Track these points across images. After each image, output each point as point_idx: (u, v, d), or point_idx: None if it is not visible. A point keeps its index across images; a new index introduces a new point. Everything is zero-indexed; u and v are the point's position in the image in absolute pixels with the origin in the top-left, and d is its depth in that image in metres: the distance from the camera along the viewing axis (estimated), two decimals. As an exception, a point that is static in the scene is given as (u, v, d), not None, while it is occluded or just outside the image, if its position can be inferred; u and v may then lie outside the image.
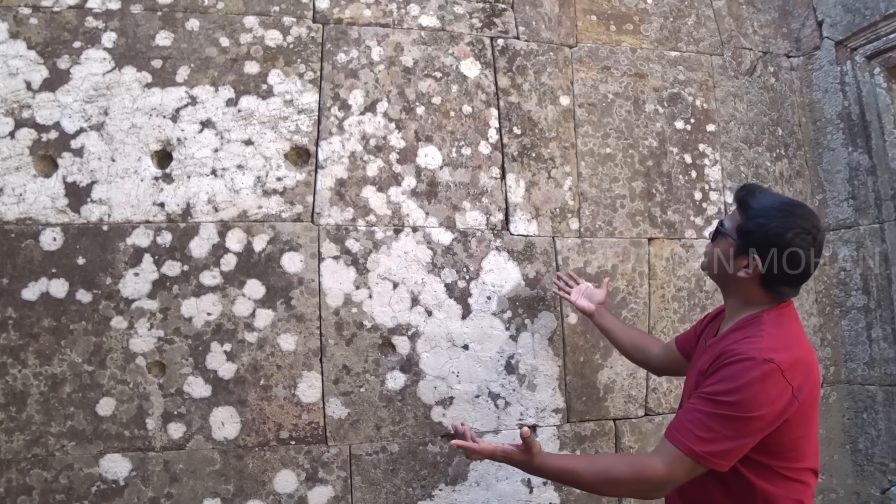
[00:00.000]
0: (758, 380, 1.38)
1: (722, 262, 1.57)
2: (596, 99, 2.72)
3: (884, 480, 2.83)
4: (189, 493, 2.10)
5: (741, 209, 1.56)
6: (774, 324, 1.50)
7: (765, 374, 1.38)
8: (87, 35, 2.21)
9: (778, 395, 1.38)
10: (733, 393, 1.38)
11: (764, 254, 1.49)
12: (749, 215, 1.53)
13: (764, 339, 1.44)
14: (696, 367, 1.63)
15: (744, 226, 1.53)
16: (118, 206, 2.16)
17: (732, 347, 1.46)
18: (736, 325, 1.56)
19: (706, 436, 1.39)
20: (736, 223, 1.56)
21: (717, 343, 1.58)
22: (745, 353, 1.41)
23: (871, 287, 2.91)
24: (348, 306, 2.29)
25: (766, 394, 1.38)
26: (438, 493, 2.32)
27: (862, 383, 2.95)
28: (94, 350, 2.08)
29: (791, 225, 1.48)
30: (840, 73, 3.02)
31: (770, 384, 1.38)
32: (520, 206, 2.53)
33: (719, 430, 1.38)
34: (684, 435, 1.41)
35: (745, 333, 1.50)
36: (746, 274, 1.52)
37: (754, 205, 1.53)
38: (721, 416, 1.39)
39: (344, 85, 2.41)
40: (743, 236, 1.52)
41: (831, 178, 3.08)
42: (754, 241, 1.50)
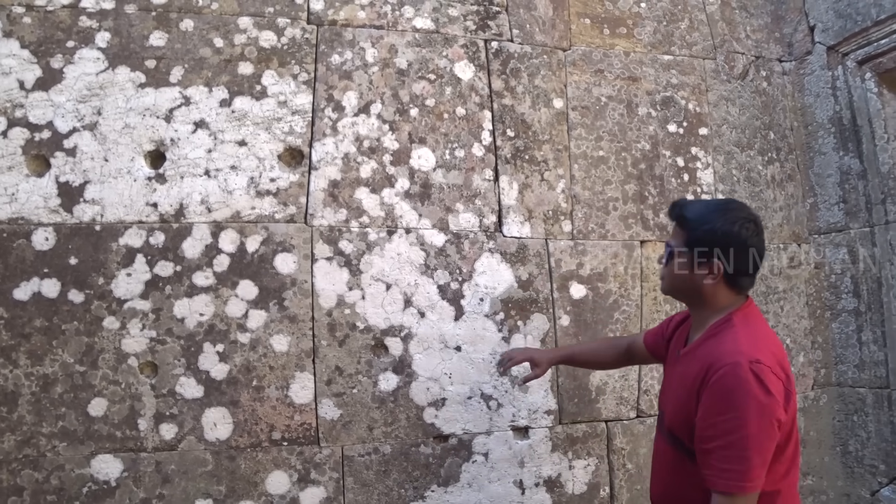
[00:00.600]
0: (755, 385, 1.40)
1: (685, 278, 1.61)
2: (589, 102, 2.74)
3: (874, 482, 2.85)
4: (181, 494, 2.10)
5: (681, 225, 1.61)
6: (745, 325, 1.54)
7: (757, 376, 1.40)
8: (80, 35, 2.21)
9: (776, 392, 1.41)
10: (738, 409, 1.41)
11: (723, 254, 1.53)
12: (692, 226, 1.58)
13: (741, 343, 1.48)
14: (675, 377, 1.67)
15: (692, 236, 1.57)
16: (111, 207, 2.16)
17: (717, 359, 1.48)
18: (708, 333, 1.60)
19: (745, 467, 1.40)
20: (683, 238, 1.60)
21: (692, 353, 1.61)
22: (730, 361, 1.44)
23: (861, 290, 2.93)
24: (341, 307, 2.30)
25: (766, 394, 1.40)
26: (430, 494, 2.32)
27: (852, 386, 2.97)
28: (86, 350, 2.08)
29: (733, 219, 1.54)
30: (832, 78, 3.04)
31: (766, 383, 1.41)
32: (513, 208, 2.54)
33: (751, 452, 1.40)
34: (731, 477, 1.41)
35: (721, 339, 1.53)
36: (712, 280, 1.56)
37: (692, 216, 1.59)
38: (744, 437, 1.40)
39: (338, 86, 2.41)
40: (697, 245, 1.56)
41: (822, 181, 3.10)
42: (712, 248, 1.55)
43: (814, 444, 2.97)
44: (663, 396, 1.77)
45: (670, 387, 1.71)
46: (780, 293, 2.97)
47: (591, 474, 2.51)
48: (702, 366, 1.51)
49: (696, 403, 1.50)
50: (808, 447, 2.95)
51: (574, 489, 2.48)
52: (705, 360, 1.51)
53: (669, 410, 1.66)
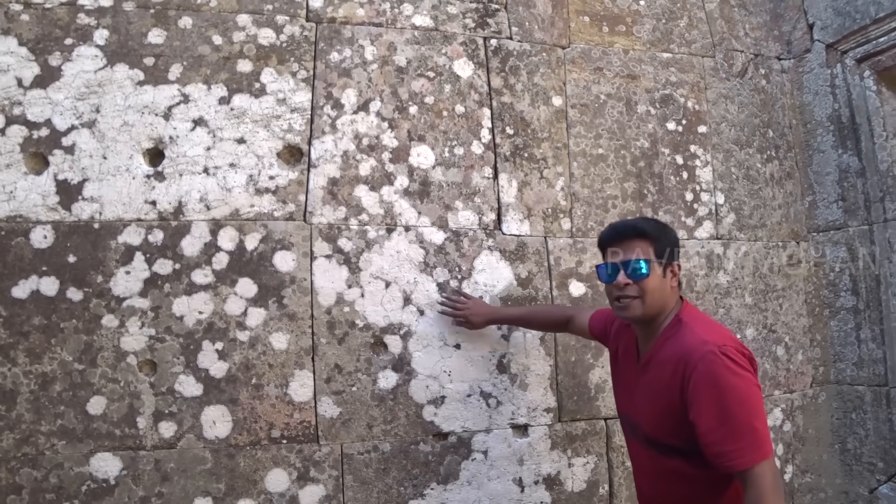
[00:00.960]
0: (731, 365, 1.50)
1: (661, 287, 1.68)
2: (588, 100, 2.73)
3: (872, 480, 2.85)
4: (180, 493, 2.09)
5: (646, 238, 1.70)
6: (694, 320, 1.67)
7: (729, 357, 1.51)
8: (78, 32, 2.20)
9: (746, 365, 1.54)
10: (726, 392, 1.48)
11: (677, 255, 1.73)
12: (656, 237, 1.70)
13: (700, 334, 1.59)
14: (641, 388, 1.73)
15: (659, 246, 1.69)
16: (110, 204, 2.15)
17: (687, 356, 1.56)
18: (664, 336, 1.68)
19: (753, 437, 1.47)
20: (650, 249, 1.69)
21: (654, 360, 1.69)
22: (701, 353, 1.53)
23: (860, 288, 2.93)
24: (340, 305, 2.29)
25: (742, 369, 1.52)
26: (430, 492, 2.32)
27: (851, 383, 2.97)
28: (84, 348, 2.07)
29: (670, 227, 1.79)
30: (830, 76, 3.04)
31: (738, 361, 1.52)
32: (512, 206, 2.54)
33: (754, 420, 1.48)
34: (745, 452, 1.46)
35: (681, 338, 1.62)
36: (676, 282, 1.72)
37: (651, 229, 1.72)
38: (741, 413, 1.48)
39: (337, 84, 2.41)
40: (664, 254, 1.69)
41: (821, 179, 3.10)
42: (671, 252, 1.71)
43: (812, 442, 2.97)
44: (630, 405, 1.81)
45: (638, 397, 1.75)
46: (779, 291, 2.98)
47: (591, 472, 2.52)
48: (674, 368, 1.58)
49: (680, 402, 1.56)
50: (807, 444, 2.95)
51: (573, 487, 2.49)
52: (674, 361, 1.59)
53: (648, 421, 1.71)
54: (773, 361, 2.91)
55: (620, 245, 1.71)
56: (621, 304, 1.70)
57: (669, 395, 1.59)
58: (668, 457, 1.64)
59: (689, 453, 1.57)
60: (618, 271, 1.69)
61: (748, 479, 1.45)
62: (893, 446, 2.77)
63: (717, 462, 1.49)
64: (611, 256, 1.73)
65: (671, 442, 1.62)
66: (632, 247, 1.69)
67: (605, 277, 1.74)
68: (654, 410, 1.66)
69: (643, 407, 1.72)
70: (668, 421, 1.61)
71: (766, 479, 1.44)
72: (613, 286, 1.71)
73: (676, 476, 1.64)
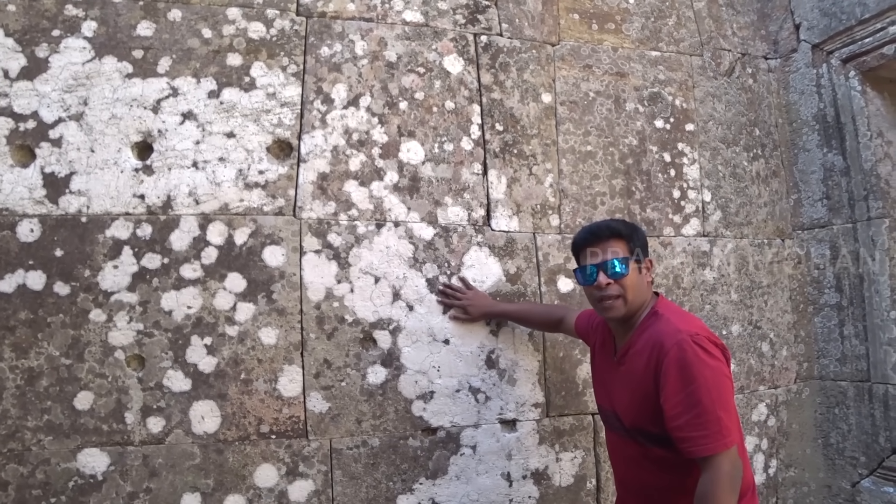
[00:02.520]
0: (701, 353, 1.55)
1: (640, 283, 1.74)
2: (577, 97, 2.75)
3: (854, 474, 2.89)
4: (168, 488, 2.09)
5: (621, 237, 1.76)
6: (669, 311, 1.72)
7: (700, 346, 1.56)
8: (66, 23, 2.18)
9: (717, 354, 1.58)
10: (696, 380, 1.53)
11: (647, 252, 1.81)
12: (627, 235, 1.76)
13: (674, 323, 1.64)
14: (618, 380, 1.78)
15: (632, 244, 1.76)
16: (97, 198, 2.14)
17: (661, 343, 1.61)
18: (641, 328, 1.73)
19: (718, 427, 1.51)
20: (628, 248, 1.75)
21: (631, 352, 1.73)
22: (674, 341, 1.58)
23: (843, 285, 2.97)
24: (330, 300, 2.29)
25: (712, 358, 1.56)
26: (419, 486, 2.33)
27: (834, 379, 3.01)
28: (71, 343, 2.06)
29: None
30: (816, 76, 3.07)
31: (709, 350, 1.57)
32: (501, 202, 2.54)
33: (719, 411, 1.51)
34: (709, 440, 1.51)
35: (656, 327, 1.67)
36: (650, 277, 1.79)
37: (625, 228, 1.78)
38: (709, 401, 1.51)
39: (327, 79, 2.40)
40: (640, 249, 1.77)
41: (806, 178, 3.13)
42: (645, 248, 1.80)
43: (796, 437, 3.01)
44: (609, 398, 1.85)
45: (616, 389, 1.80)
46: (764, 288, 3.01)
47: (578, 466, 2.53)
48: (649, 356, 1.64)
49: (654, 389, 1.61)
50: (791, 439, 2.99)
51: (561, 481, 2.50)
52: (649, 350, 1.64)
53: (626, 411, 1.75)
54: (758, 357, 2.95)
55: (597, 246, 1.75)
56: (604, 306, 1.73)
57: (645, 383, 1.63)
58: (648, 446, 1.68)
59: (668, 440, 1.59)
60: (597, 272, 1.72)
61: (706, 466, 1.50)
62: (875, 441, 2.81)
63: (681, 447, 1.53)
64: (589, 258, 1.76)
65: (650, 429, 1.65)
66: (608, 247, 1.73)
67: (584, 280, 1.77)
68: (633, 399, 1.70)
69: (621, 398, 1.75)
70: (645, 408, 1.65)
71: (721, 470, 1.48)
72: (594, 287, 1.73)
73: (657, 465, 1.67)
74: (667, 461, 1.65)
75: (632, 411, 1.71)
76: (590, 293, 1.78)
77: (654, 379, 1.60)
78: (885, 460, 2.78)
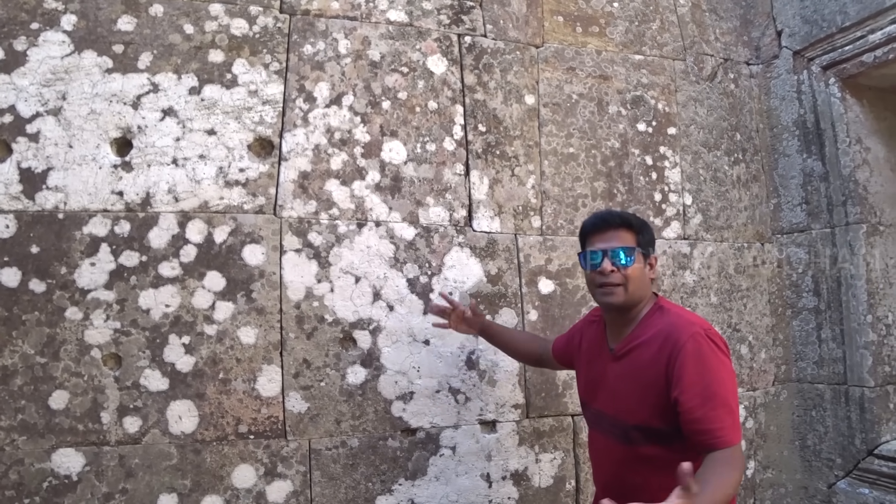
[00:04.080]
0: (716, 348, 1.56)
1: (644, 275, 1.73)
2: (560, 99, 2.75)
3: (830, 475, 2.92)
4: (145, 489, 2.06)
5: (630, 228, 1.74)
6: (672, 306, 1.73)
7: (713, 340, 1.57)
8: (45, 17, 2.15)
9: (725, 349, 1.60)
10: (713, 372, 1.54)
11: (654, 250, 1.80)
12: (639, 228, 1.75)
13: (684, 316, 1.65)
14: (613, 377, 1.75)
15: (642, 237, 1.74)
16: (75, 194, 2.11)
17: (675, 336, 1.59)
18: (644, 322, 1.72)
19: (733, 419, 1.52)
20: (635, 240, 1.73)
21: (635, 345, 1.70)
22: (690, 333, 1.57)
23: (821, 289, 3.00)
24: (309, 300, 2.28)
25: (725, 354, 1.58)
26: (398, 487, 2.32)
27: (811, 382, 3.04)
28: (47, 341, 2.03)
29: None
30: (797, 82, 3.10)
31: (720, 344, 1.58)
32: (483, 202, 2.54)
33: (733, 404, 1.54)
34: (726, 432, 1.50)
35: (665, 320, 1.66)
36: (654, 274, 1.78)
37: (634, 220, 1.76)
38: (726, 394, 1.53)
39: (310, 77, 2.39)
40: (647, 245, 1.75)
41: (786, 183, 3.16)
42: (652, 243, 1.79)
43: (773, 439, 3.03)
44: (600, 398, 1.81)
45: (611, 387, 1.76)
46: (744, 291, 3.03)
47: (558, 468, 2.54)
48: (659, 348, 1.61)
49: (665, 382, 1.58)
50: (768, 441, 3.01)
51: (541, 482, 2.50)
52: (660, 342, 1.62)
53: (624, 408, 1.71)
54: (737, 360, 2.97)
55: (606, 233, 1.74)
56: (604, 291, 1.72)
57: (653, 375, 1.60)
58: (641, 445, 1.64)
59: (668, 436, 1.58)
60: (602, 258, 1.70)
61: (724, 458, 1.48)
62: (851, 443, 2.84)
63: (699, 439, 1.51)
64: (597, 244, 1.74)
65: (654, 424, 1.62)
66: (617, 235, 1.72)
67: (588, 264, 1.75)
68: (633, 394, 1.66)
69: (619, 395, 1.72)
70: (651, 402, 1.62)
71: (740, 460, 1.50)
72: (597, 273, 1.71)
73: (647, 465, 1.64)
74: (658, 460, 1.61)
75: (631, 407, 1.67)
76: (591, 279, 1.76)
77: (665, 372, 1.58)
78: (860, 462, 2.81)
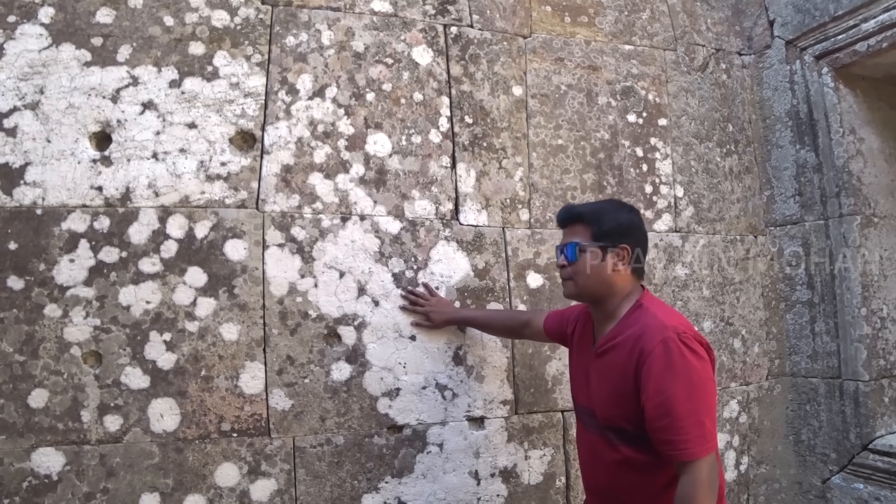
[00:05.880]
0: (687, 354, 1.51)
1: (598, 271, 1.70)
2: (549, 90, 2.72)
3: (825, 470, 2.90)
4: (126, 488, 2.03)
5: (582, 222, 1.73)
6: (655, 305, 1.68)
7: (686, 345, 1.52)
8: (22, 9, 2.11)
9: (703, 355, 1.55)
10: (681, 381, 1.49)
11: (629, 240, 1.70)
12: (596, 220, 1.71)
13: (660, 318, 1.59)
14: (595, 373, 1.74)
15: (600, 229, 1.70)
16: (53, 190, 2.07)
17: (645, 339, 1.56)
18: (624, 321, 1.68)
19: (701, 431, 1.48)
20: (589, 234, 1.71)
21: (612, 344, 1.68)
22: (660, 338, 1.53)
23: (815, 282, 2.97)
24: (293, 295, 2.25)
25: (699, 359, 1.53)
26: (384, 485, 2.29)
27: (805, 376, 3.01)
28: (25, 339, 1.99)
29: (628, 208, 1.78)
30: (790, 72, 3.07)
31: (695, 350, 1.53)
32: (470, 195, 2.51)
33: (703, 416, 1.49)
34: (690, 444, 1.48)
35: (642, 321, 1.62)
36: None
37: (591, 212, 1.74)
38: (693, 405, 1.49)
39: (292, 69, 2.35)
40: (605, 238, 1.69)
41: (779, 174, 3.13)
42: (618, 236, 1.70)
43: (767, 434, 3.01)
44: (585, 393, 1.80)
45: (593, 383, 1.75)
46: (737, 284, 3.00)
47: (547, 464, 2.51)
48: (630, 350, 1.59)
49: (633, 386, 1.57)
50: (762, 436, 2.99)
51: (530, 479, 2.48)
52: (632, 343, 1.60)
53: (602, 407, 1.70)
54: (730, 354, 2.94)
55: (565, 228, 1.78)
56: (562, 283, 1.79)
57: (625, 378, 1.59)
58: (619, 444, 1.64)
59: (639, 439, 1.56)
60: (559, 253, 1.76)
61: (686, 470, 1.48)
62: (846, 437, 2.82)
63: (661, 449, 1.51)
64: (561, 238, 1.80)
65: (625, 427, 1.61)
66: (571, 230, 1.75)
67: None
68: (609, 395, 1.66)
69: (598, 393, 1.71)
70: (621, 405, 1.61)
71: (702, 475, 1.46)
72: (557, 265, 1.79)
73: (626, 466, 1.63)
74: (635, 461, 1.61)
75: (608, 407, 1.67)
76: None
77: (635, 375, 1.56)
78: (855, 457, 2.78)
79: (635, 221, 1.75)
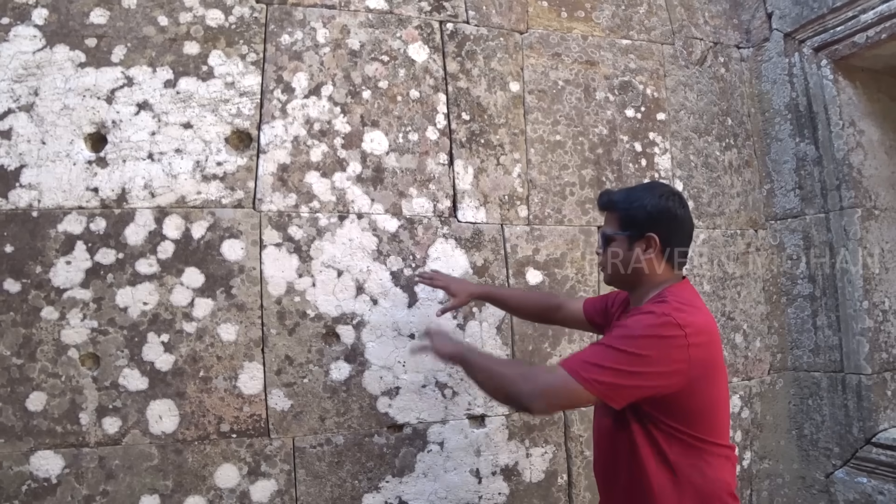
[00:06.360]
0: (657, 327, 1.45)
1: (624, 259, 1.65)
2: (546, 86, 2.70)
3: (828, 465, 2.88)
4: (126, 490, 2.02)
5: (612, 209, 1.68)
6: (676, 294, 1.58)
7: (663, 324, 1.45)
8: (15, 11, 2.10)
9: (676, 347, 1.44)
10: (632, 336, 1.46)
11: (658, 229, 1.60)
12: (623, 208, 1.64)
13: (668, 304, 1.52)
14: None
15: (625, 217, 1.63)
16: (49, 192, 2.06)
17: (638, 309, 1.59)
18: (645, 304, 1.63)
19: (596, 363, 1.44)
20: (617, 222, 1.66)
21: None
22: (647, 309, 1.52)
23: (816, 275, 2.95)
24: (291, 295, 2.24)
25: (665, 343, 1.44)
26: (385, 485, 2.28)
27: (807, 370, 3.00)
28: (23, 342, 1.99)
29: (659, 194, 1.62)
30: (788, 65, 3.05)
31: (668, 334, 1.44)
32: (468, 192, 2.50)
33: (611, 363, 1.43)
34: (575, 361, 1.47)
35: (652, 302, 1.59)
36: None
37: (620, 199, 1.67)
38: (616, 350, 1.45)
39: (288, 67, 2.34)
40: (632, 226, 1.62)
41: (779, 168, 3.11)
42: (646, 224, 1.60)
43: (770, 428, 2.99)
44: None
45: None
46: (738, 279, 2.98)
47: (549, 462, 2.50)
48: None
49: None
50: (765, 431, 2.97)
51: (532, 477, 2.47)
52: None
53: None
54: (732, 349, 2.92)
55: (604, 213, 1.74)
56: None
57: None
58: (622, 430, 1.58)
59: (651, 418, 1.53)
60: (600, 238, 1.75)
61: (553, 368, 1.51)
62: (849, 431, 2.80)
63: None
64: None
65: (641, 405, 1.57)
66: (608, 217, 1.71)
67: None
68: None
69: None
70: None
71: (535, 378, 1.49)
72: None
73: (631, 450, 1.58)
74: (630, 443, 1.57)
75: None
76: None
77: None
78: (858, 451, 2.77)
79: (667, 207, 1.61)
